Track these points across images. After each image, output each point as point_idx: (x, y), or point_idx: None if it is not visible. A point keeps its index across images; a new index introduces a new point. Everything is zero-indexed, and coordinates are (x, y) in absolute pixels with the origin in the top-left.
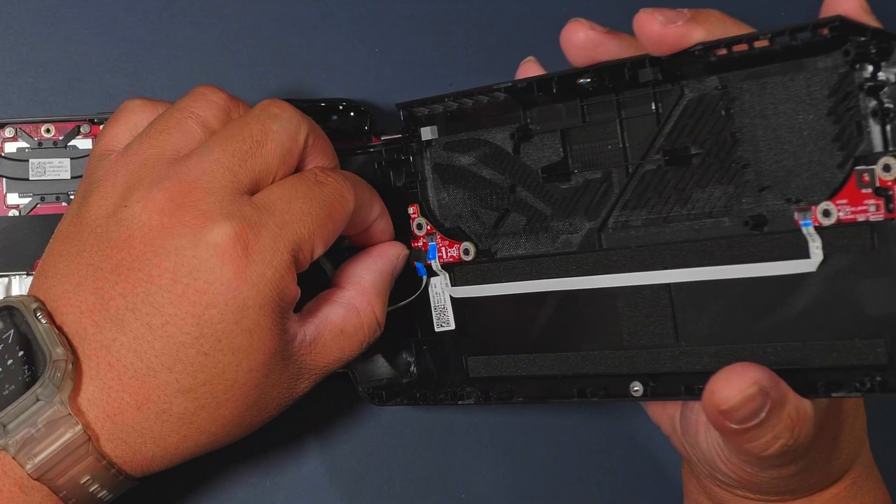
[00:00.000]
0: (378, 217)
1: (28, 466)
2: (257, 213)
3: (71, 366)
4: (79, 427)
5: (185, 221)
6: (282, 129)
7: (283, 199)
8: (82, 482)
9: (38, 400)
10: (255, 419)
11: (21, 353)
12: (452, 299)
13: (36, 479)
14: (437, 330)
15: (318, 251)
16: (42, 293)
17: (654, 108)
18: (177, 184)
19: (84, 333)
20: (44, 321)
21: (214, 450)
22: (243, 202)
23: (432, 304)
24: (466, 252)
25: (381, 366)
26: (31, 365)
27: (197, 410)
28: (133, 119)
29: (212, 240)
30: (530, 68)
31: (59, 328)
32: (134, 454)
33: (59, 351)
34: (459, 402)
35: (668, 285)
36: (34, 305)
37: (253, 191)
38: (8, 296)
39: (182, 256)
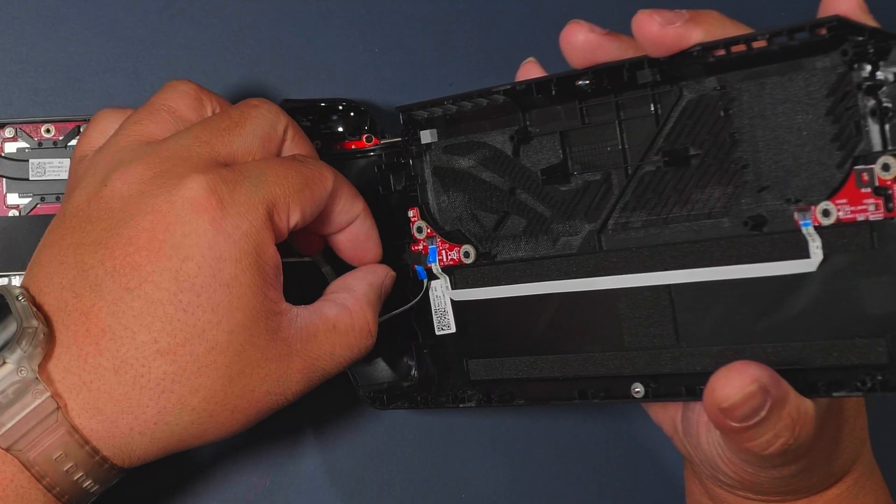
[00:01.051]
0: (361, 217)
1: None
2: (232, 172)
3: (43, 335)
4: (47, 394)
5: (161, 183)
6: (261, 115)
7: (259, 165)
8: (55, 458)
9: (4, 363)
10: (239, 404)
11: None
12: (453, 302)
13: (6, 450)
14: (437, 333)
15: (295, 217)
16: (27, 281)
17: (652, 109)
18: (154, 157)
19: (64, 306)
20: (22, 300)
21: (199, 442)
22: (219, 165)
23: (433, 308)
24: (467, 255)
25: (382, 369)
26: (4, 337)
27: (176, 376)
28: (104, 124)
29: (186, 194)
30: (531, 69)
31: (39, 307)
32: (110, 427)
33: (33, 322)
34: (461, 405)
35: (668, 286)
36: (17, 291)
37: (230, 164)
38: None
39: (158, 213)
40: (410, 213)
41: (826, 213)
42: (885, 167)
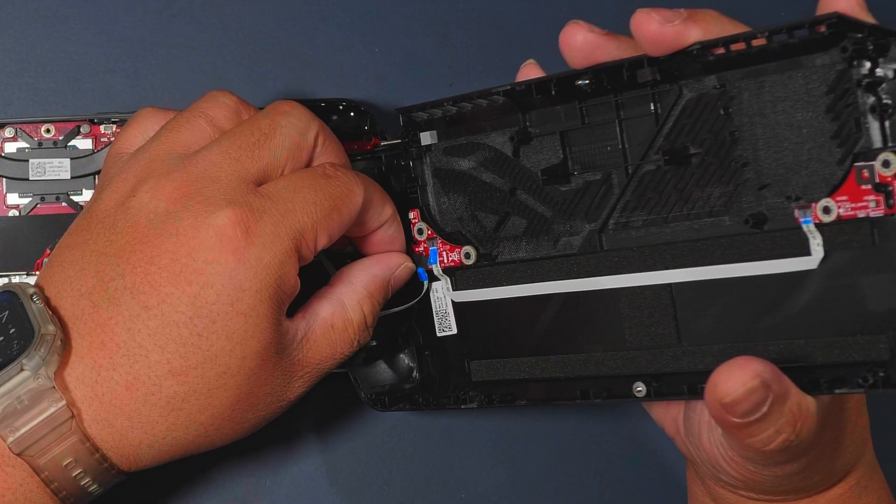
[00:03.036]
0: (388, 222)
1: (10, 440)
2: (261, 200)
3: (60, 342)
4: (62, 402)
5: (190, 206)
6: (290, 124)
7: (288, 188)
8: (65, 464)
9: (22, 370)
10: (246, 416)
11: (13, 331)
12: (454, 304)
13: (17, 455)
14: (438, 335)
15: (322, 242)
16: (45, 281)
17: (652, 108)
18: (185, 174)
19: (81, 314)
20: (38, 302)
21: (204, 450)
22: (248, 190)
23: (434, 309)
24: (467, 256)
25: (384, 371)
26: (21, 341)
27: (187, 396)
28: (145, 124)
29: (213, 222)
30: (531, 71)
31: (55, 310)
32: (121, 439)
33: (50, 328)
34: (462, 407)
35: (669, 285)
36: (31, 290)
37: (260, 182)
38: (9, 282)
39: (183, 237)
40: (411, 215)
41: (827, 211)
42: (886, 164)
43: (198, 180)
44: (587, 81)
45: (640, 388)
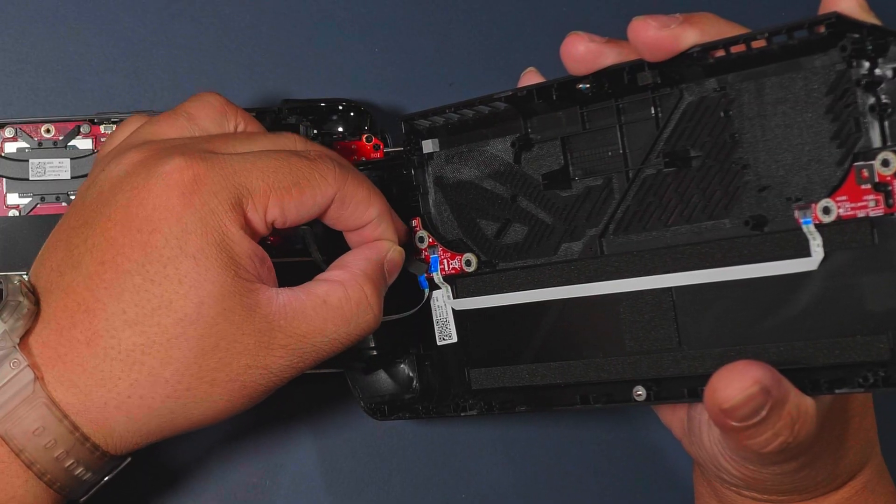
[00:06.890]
0: (376, 219)
1: None
2: (217, 155)
3: (27, 310)
4: (24, 364)
5: (147, 164)
6: (283, 136)
7: (253, 154)
8: (33, 430)
9: None
10: (217, 377)
11: None
12: (454, 312)
13: None
14: (439, 343)
15: (273, 213)
16: (31, 271)
17: (653, 112)
18: (153, 147)
19: (50, 286)
20: (16, 282)
21: (183, 423)
22: (207, 149)
23: (434, 318)
24: (468, 263)
25: (383, 381)
26: None
27: (146, 347)
28: (130, 128)
29: (162, 169)
30: (531, 79)
31: (32, 288)
32: (85, 400)
33: (18, 298)
34: (462, 414)
35: (670, 289)
36: (17, 278)
37: None
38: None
39: (136, 190)
40: (413, 223)
41: (826, 211)
42: (885, 163)
43: (161, 149)
44: (588, 85)
45: (640, 391)
